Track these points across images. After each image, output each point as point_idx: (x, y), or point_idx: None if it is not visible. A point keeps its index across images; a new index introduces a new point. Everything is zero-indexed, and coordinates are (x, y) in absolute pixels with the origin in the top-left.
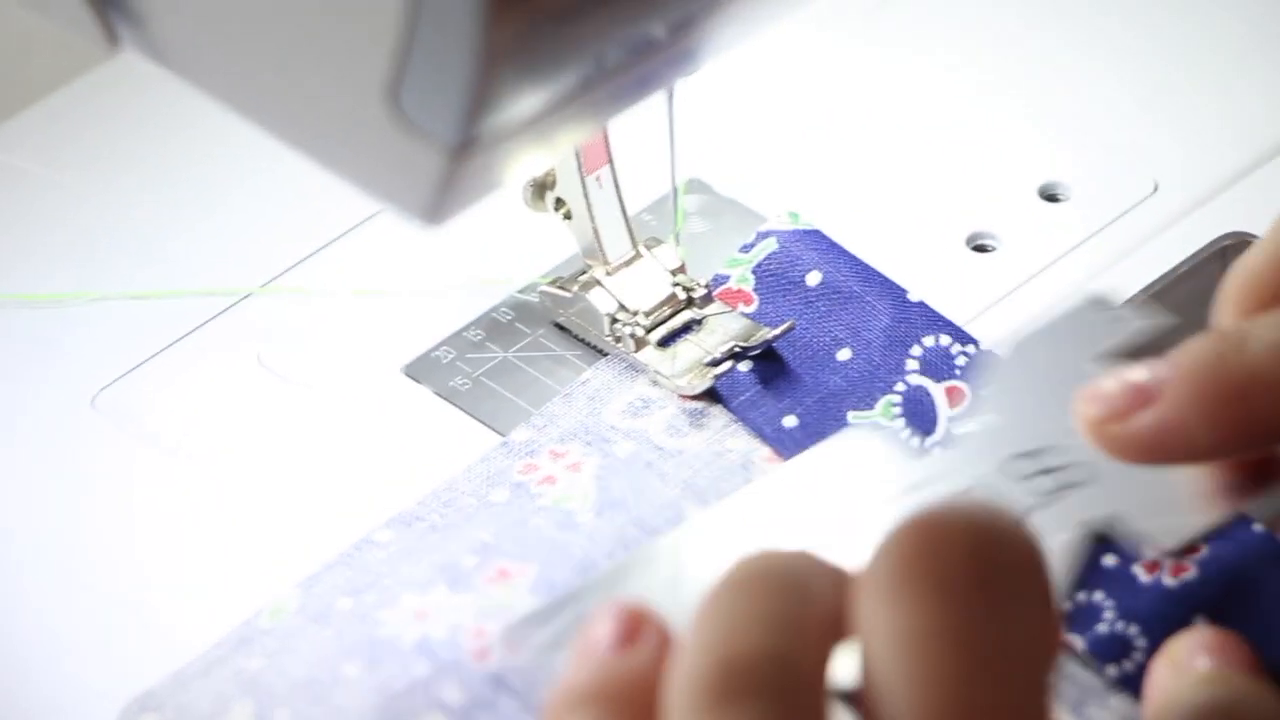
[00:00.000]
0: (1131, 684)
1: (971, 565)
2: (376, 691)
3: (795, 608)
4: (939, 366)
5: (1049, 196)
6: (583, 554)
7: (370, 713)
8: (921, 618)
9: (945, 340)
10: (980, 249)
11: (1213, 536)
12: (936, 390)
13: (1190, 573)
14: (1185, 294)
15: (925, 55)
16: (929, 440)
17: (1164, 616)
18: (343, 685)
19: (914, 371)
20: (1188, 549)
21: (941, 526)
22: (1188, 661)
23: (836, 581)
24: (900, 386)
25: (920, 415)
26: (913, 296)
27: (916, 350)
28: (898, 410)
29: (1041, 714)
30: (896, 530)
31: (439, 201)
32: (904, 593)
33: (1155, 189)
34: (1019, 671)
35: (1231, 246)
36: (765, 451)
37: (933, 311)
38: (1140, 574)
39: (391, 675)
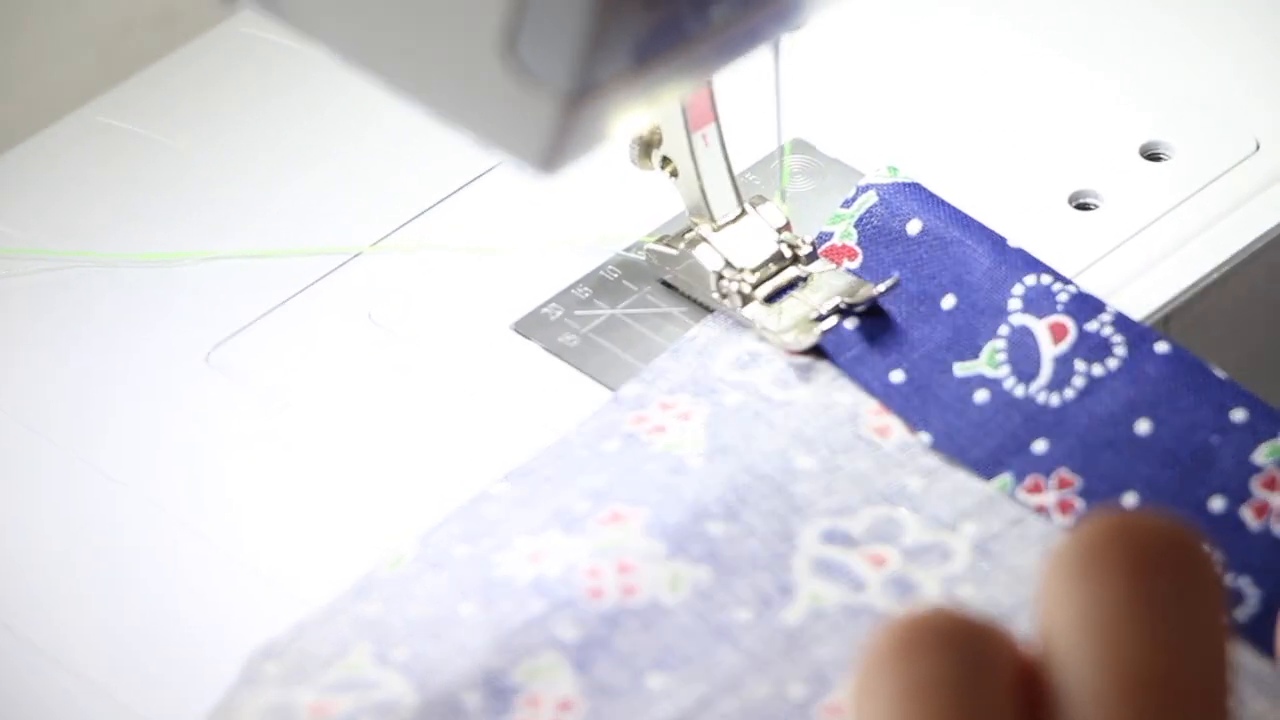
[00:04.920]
0: (1246, 634)
1: (1163, 552)
2: (493, 628)
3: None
4: (1041, 303)
5: (1151, 155)
6: (694, 497)
7: (487, 648)
8: (1114, 595)
9: (1046, 279)
10: (1082, 207)
11: None
12: (1039, 327)
13: None
14: None
15: (1027, 14)
16: (1034, 385)
17: (1275, 567)
18: (460, 623)
19: (1016, 311)
20: None
21: (1134, 519)
22: None
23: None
24: (1004, 329)
25: (1025, 359)
26: (1012, 244)
27: (1018, 289)
28: (1002, 357)
29: (1226, 700)
30: (1087, 522)
31: (554, 150)
32: (1098, 572)
33: (1257, 147)
34: (1206, 655)
35: None
36: (873, 404)
37: (1032, 256)
38: (1249, 519)
39: (507, 613)
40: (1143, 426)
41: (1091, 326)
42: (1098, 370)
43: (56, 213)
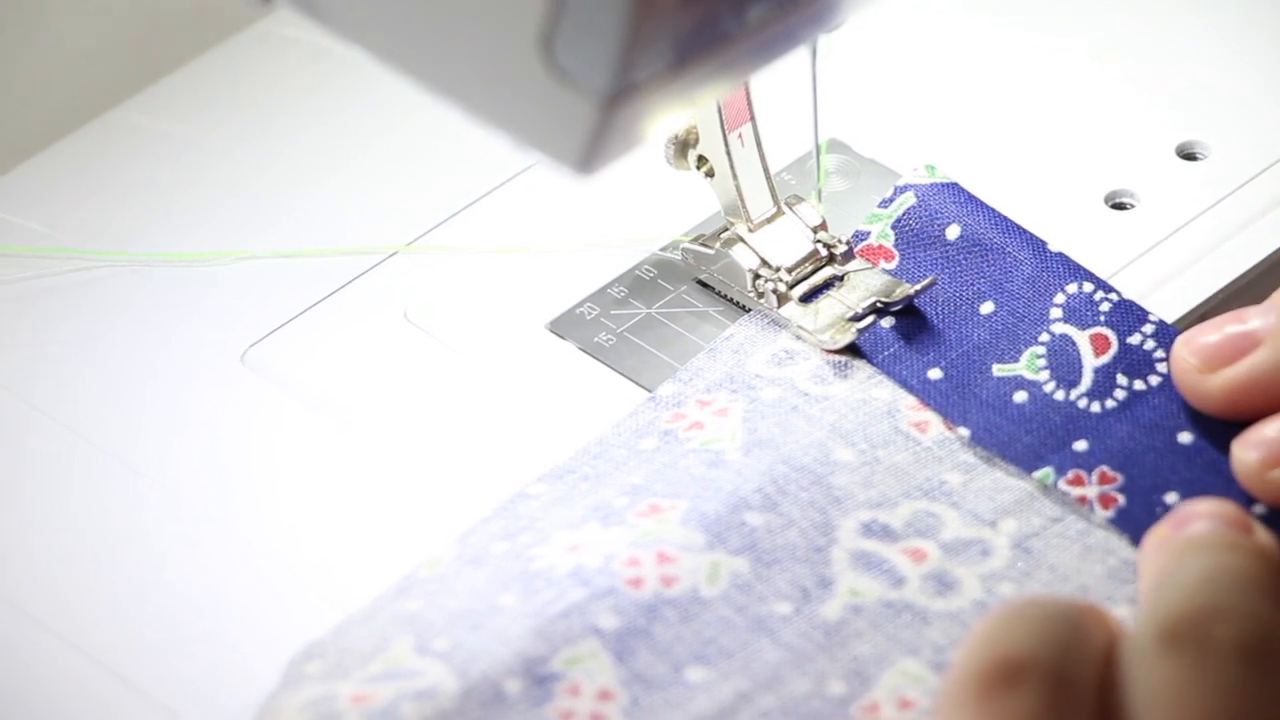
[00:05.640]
0: None
1: (1235, 644)
2: (533, 616)
3: (1071, 634)
4: (1083, 314)
5: (1187, 155)
6: (733, 488)
7: (527, 637)
8: (1186, 676)
9: (1088, 288)
10: (1119, 207)
11: None
12: (1081, 338)
13: None
14: None
15: (1063, 14)
16: (1074, 391)
17: None
18: (500, 613)
19: (1058, 320)
20: None
21: (1213, 598)
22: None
23: (1107, 629)
24: (1044, 337)
25: (1065, 366)
26: (1053, 248)
27: (1059, 298)
28: (1042, 363)
29: None
30: (1170, 590)
31: (591, 150)
32: (1173, 650)
33: None
34: None
35: None
36: (911, 400)
37: (1073, 261)
38: None
39: (547, 601)
40: (1185, 437)
41: (1134, 340)
42: (1139, 385)
43: (90, 213)
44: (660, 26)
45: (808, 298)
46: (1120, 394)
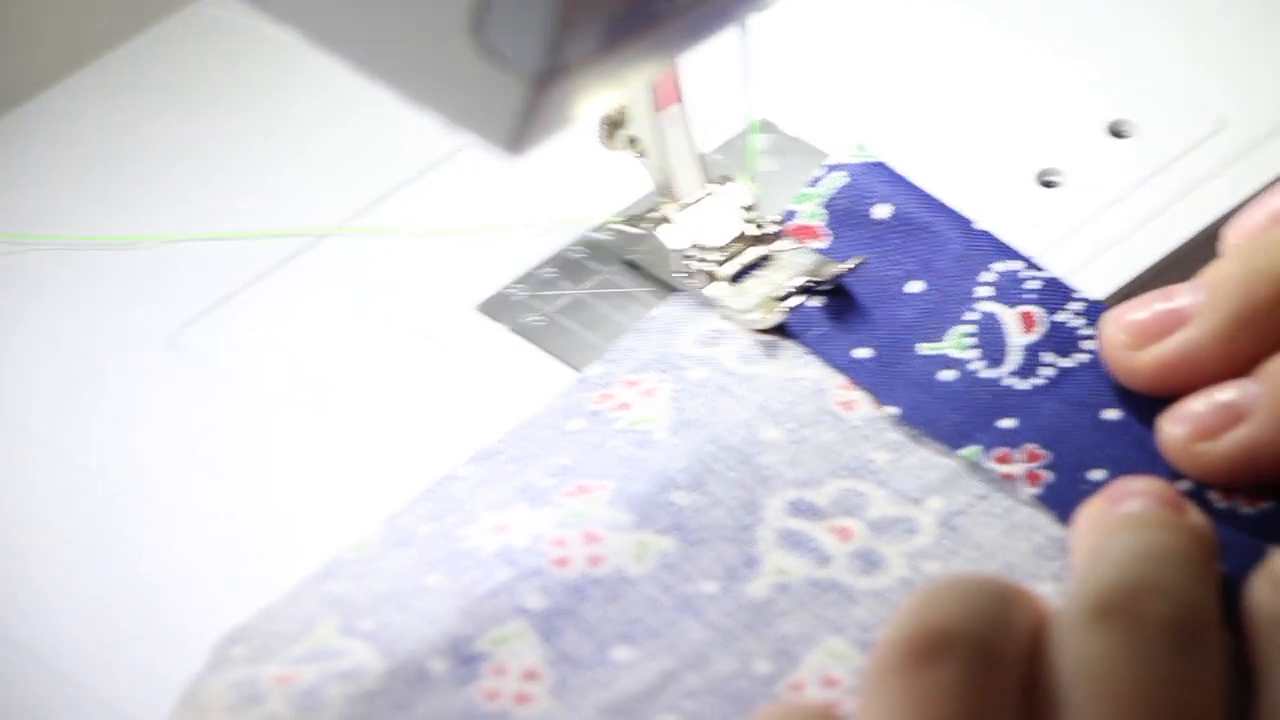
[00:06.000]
0: None
1: (1165, 621)
2: (459, 596)
3: (998, 608)
4: (1010, 292)
5: (1116, 132)
6: (660, 468)
7: (453, 616)
8: (1116, 650)
9: (1016, 266)
10: (1048, 184)
11: None
12: (1009, 316)
13: (1269, 505)
14: None
15: None
16: (1002, 369)
17: (1241, 546)
18: (426, 593)
19: (986, 298)
20: None
21: (1146, 575)
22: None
23: (1034, 606)
24: (972, 315)
25: (992, 344)
26: (978, 226)
27: (987, 276)
28: (970, 341)
29: None
30: (1103, 565)
31: (522, 131)
32: (1104, 624)
33: (1222, 124)
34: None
35: None
36: (839, 379)
37: (1001, 240)
38: (1215, 499)
39: (474, 581)
40: (1111, 414)
41: (1061, 317)
42: (1067, 363)
43: (19, 196)
44: (591, 6)
45: (737, 277)
46: (1048, 371)
